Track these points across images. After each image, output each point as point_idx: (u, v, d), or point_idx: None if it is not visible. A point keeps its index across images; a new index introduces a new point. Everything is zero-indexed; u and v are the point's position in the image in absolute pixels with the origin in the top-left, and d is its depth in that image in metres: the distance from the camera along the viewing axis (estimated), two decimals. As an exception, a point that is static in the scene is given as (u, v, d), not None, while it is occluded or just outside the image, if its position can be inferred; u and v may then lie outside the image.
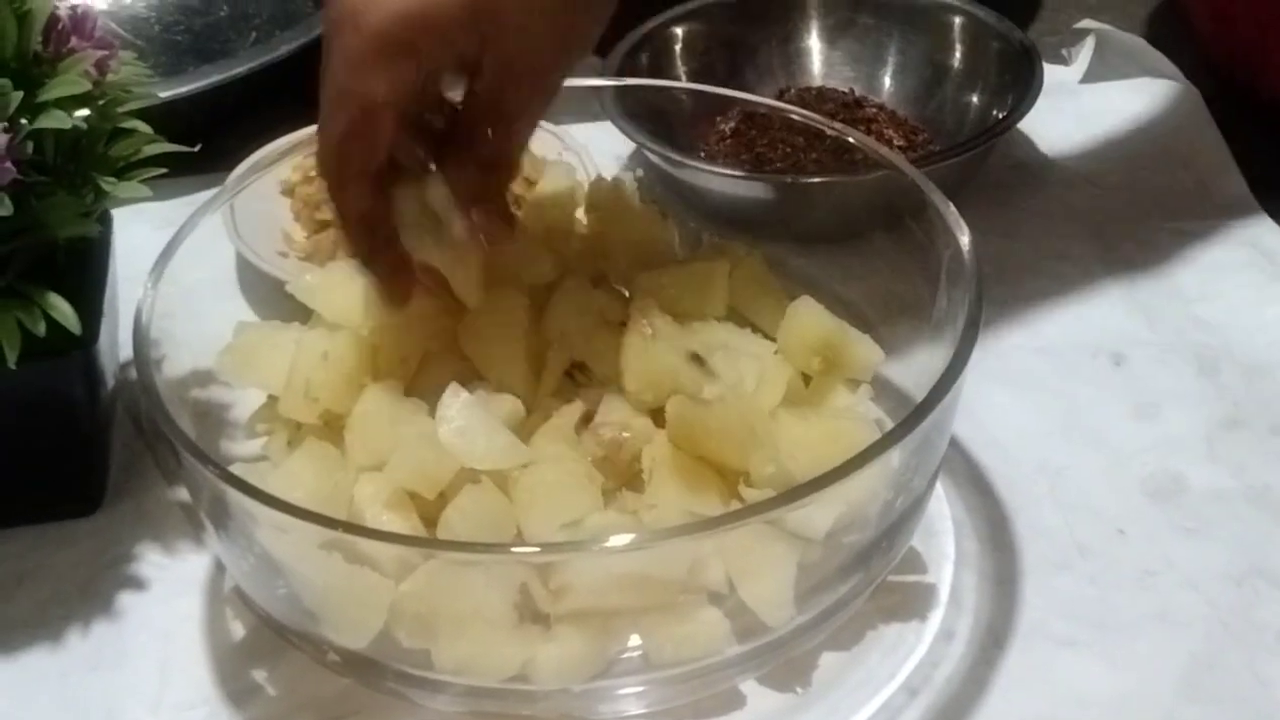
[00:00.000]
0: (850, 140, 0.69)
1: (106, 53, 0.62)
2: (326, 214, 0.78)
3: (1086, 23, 0.92)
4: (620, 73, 0.85)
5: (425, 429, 0.59)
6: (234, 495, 0.54)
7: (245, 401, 0.66)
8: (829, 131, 0.70)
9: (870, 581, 0.59)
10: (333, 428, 0.61)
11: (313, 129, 0.81)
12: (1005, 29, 0.86)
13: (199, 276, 0.66)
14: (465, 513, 0.57)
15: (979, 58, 0.86)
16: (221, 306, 0.74)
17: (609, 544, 0.52)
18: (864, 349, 0.64)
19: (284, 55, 0.90)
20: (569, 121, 0.82)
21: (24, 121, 0.58)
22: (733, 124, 0.84)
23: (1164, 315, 0.75)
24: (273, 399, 0.63)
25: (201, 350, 0.64)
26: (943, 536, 0.65)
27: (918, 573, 0.63)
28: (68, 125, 0.58)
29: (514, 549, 0.55)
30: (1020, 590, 0.62)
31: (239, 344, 0.63)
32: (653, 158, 0.80)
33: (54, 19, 0.61)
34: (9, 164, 0.56)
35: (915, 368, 0.65)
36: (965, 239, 0.61)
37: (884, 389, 0.66)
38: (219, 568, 0.64)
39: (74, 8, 0.62)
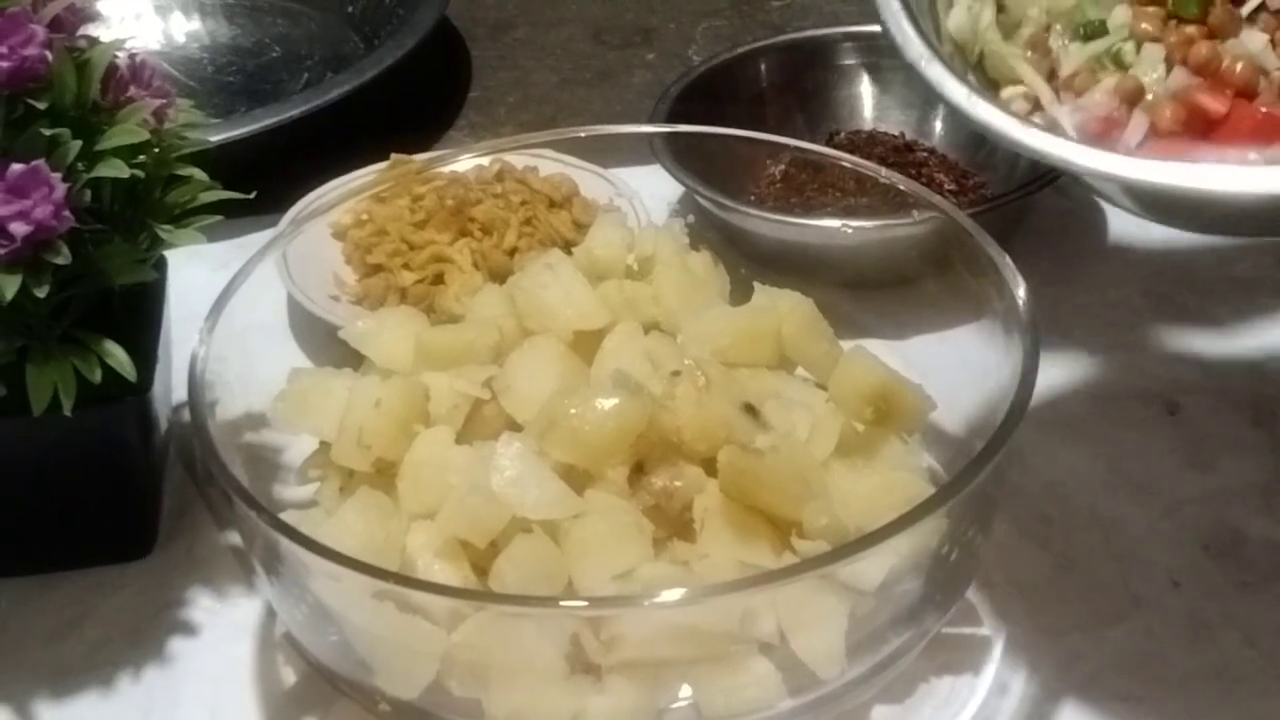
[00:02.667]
0: (901, 187, 0.69)
1: (164, 101, 0.63)
2: (378, 257, 0.78)
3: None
4: (671, 117, 0.85)
5: (478, 478, 0.58)
6: (287, 544, 0.54)
7: (297, 446, 0.66)
8: (880, 178, 0.70)
9: (923, 634, 0.59)
10: (385, 475, 0.61)
11: (363, 172, 0.82)
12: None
13: (252, 320, 0.66)
14: (517, 563, 0.57)
15: (1030, 102, 0.86)
16: (274, 350, 0.74)
17: (660, 598, 0.52)
18: (916, 399, 0.64)
19: (335, 98, 0.90)
20: (620, 165, 0.82)
21: (82, 170, 0.58)
22: (783, 167, 0.84)
23: (1219, 363, 0.75)
24: (325, 445, 0.63)
25: (254, 394, 0.64)
26: (996, 588, 0.64)
27: (971, 625, 0.63)
28: (125, 174, 0.59)
29: (565, 603, 0.54)
30: (1075, 643, 0.62)
31: (292, 390, 0.63)
32: (703, 202, 0.80)
33: (113, 68, 0.61)
34: (67, 212, 0.57)
35: (967, 416, 0.64)
36: (1022, 290, 0.61)
37: (935, 437, 0.66)
38: (270, 613, 0.64)
39: (133, 56, 0.63)
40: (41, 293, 0.57)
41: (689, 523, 0.60)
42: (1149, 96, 0.57)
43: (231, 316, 0.64)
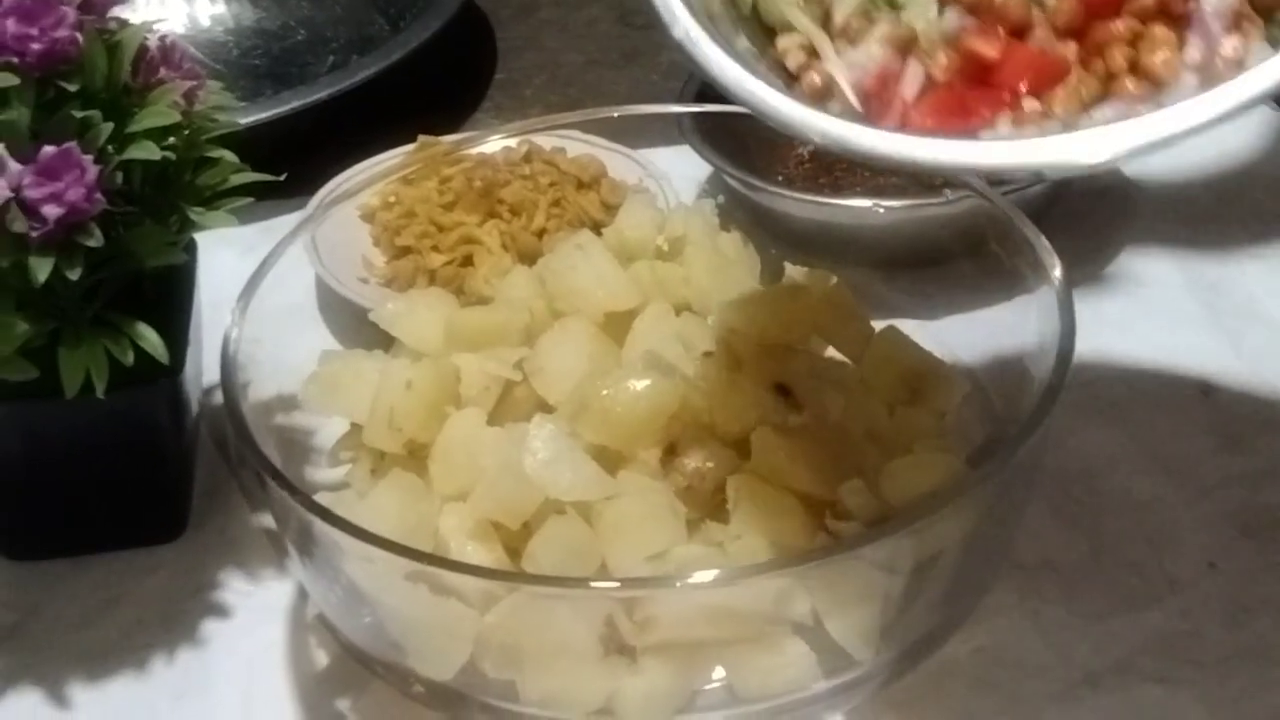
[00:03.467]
0: (934, 166, 0.68)
1: (195, 83, 0.63)
2: (407, 239, 0.78)
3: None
4: (699, 97, 0.84)
5: (510, 460, 0.58)
6: (320, 525, 0.54)
7: (329, 429, 0.66)
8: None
9: (959, 615, 0.58)
10: (417, 457, 0.61)
11: (392, 153, 0.82)
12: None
13: (282, 302, 0.66)
14: (550, 544, 0.56)
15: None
16: (304, 332, 0.74)
17: (694, 579, 0.52)
18: (949, 379, 0.63)
19: (361, 81, 0.90)
20: (648, 146, 0.82)
21: (113, 152, 0.58)
22: (811, 146, 0.83)
23: (1252, 344, 0.74)
24: (357, 427, 0.63)
25: (285, 376, 0.64)
26: (1030, 570, 0.64)
27: (1005, 609, 0.62)
28: (157, 156, 0.59)
29: (598, 584, 0.54)
30: (1111, 626, 0.61)
31: (323, 373, 0.63)
32: (732, 182, 0.80)
33: (143, 49, 0.61)
34: (99, 195, 0.57)
35: (1000, 396, 0.64)
36: (1058, 271, 0.60)
37: (969, 417, 0.65)
38: (302, 595, 0.64)
39: (163, 38, 0.63)
40: (74, 275, 0.57)
41: (722, 504, 0.60)
42: (923, 44, 0.52)
43: (262, 299, 0.64)
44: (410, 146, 0.82)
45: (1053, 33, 0.52)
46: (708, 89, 0.86)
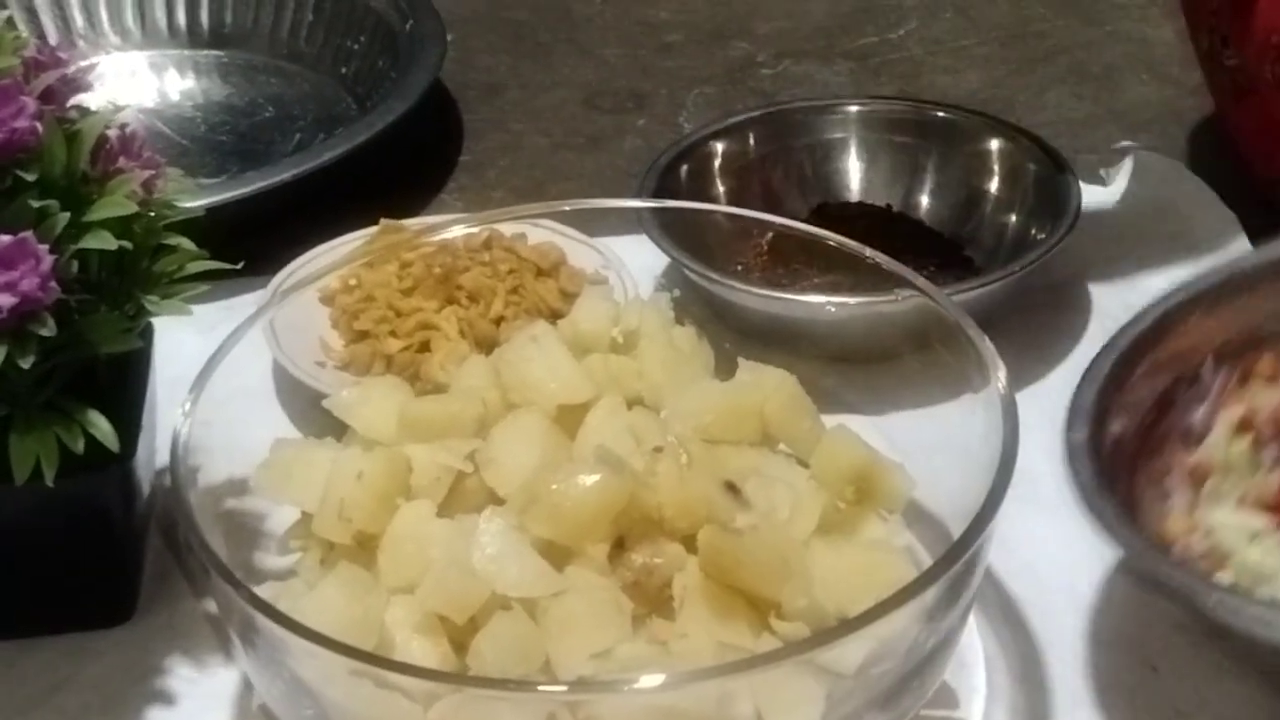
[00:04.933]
0: (883, 265, 0.69)
1: (153, 172, 0.63)
2: (365, 324, 0.78)
3: (1125, 144, 0.92)
4: (660, 188, 0.85)
5: (458, 553, 0.59)
6: (263, 619, 0.54)
7: (280, 514, 0.66)
8: (864, 257, 0.70)
9: (901, 717, 0.59)
10: (366, 548, 0.61)
11: (352, 236, 0.83)
12: (1044, 150, 0.86)
13: (237, 386, 0.67)
14: (495, 641, 0.57)
15: (1017, 178, 0.87)
16: (260, 415, 0.74)
17: (638, 683, 0.52)
18: (897, 478, 0.64)
19: (326, 161, 0.90)
20: (609, 234, 0.83)
21: (69, 241, 0.59)
22: (770, 236, 0.84)
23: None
24: (307, 516, 0.63)
25: (239, 460, 0.65)
26: (973, 669, 0.64)
27: (948, 708, 0.63)
28: (113, 246, 0.59)
29: (541, 688, 0.54)
30: (1052, 727, 0.62)
31: (275, 461, 0.64)
32: (689, 274, 0.80)
33: (103, 139, 0.62)
34: (54, 284, 0.57)
35: (948, 494, 0.64)
36: (1001, 374, 0.61)
37: (917, 515, 0.66)
38: (248, 684, 0.64)
39: (123, 127, 0.63)
40: (26, 364, 0.57)
41: (669, 600, 0.60)
42: None
43: (216, 384, 0.64)
44: (373, 228, 0.83)
45: None
46: (669, 179, 0.87)
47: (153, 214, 0.64)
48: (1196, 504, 0.61)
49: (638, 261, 0.82)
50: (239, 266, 0.66)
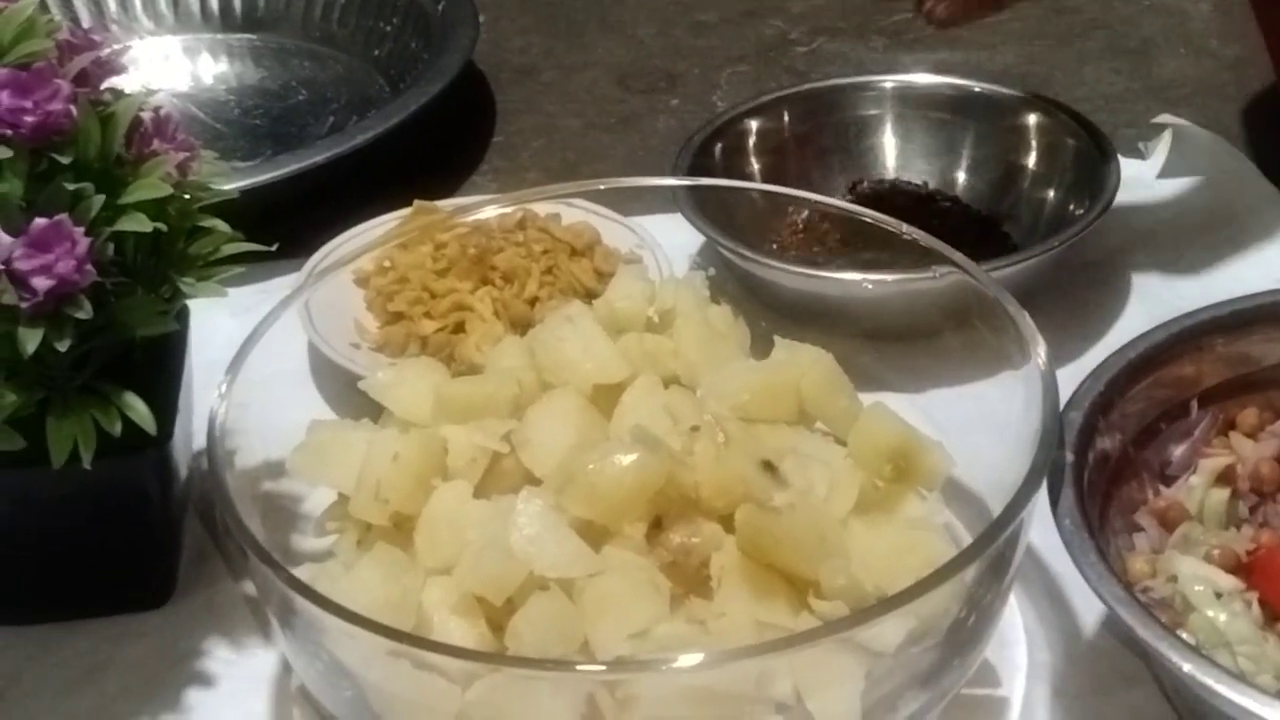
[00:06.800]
0: (920, 242, 0.69)
1: (188, 154, 0.63)
2: (400, 305, 0.78)
3: (1164, 117, 0.92)
4: (694, 166, 0.85)
5: (495, 534, 0.58)
6: (301, 601, 0.54)
7: (317, 496, 0.66)
8: (901, 234, 0.70)
9: (941, 696, 0.58)
10: (403, 529, 0.61)
11: (387, 218, 0.83)
12: (1080, 125, 0.85)
13: (273, 368, 0.67)
14: (533, 621, 0.56)
15: (1055, 154, 0.86)
16: (295, 397, 0.74)
17: (676, 663, 0.52)
18: (936, 457, 0.63)
19: (360, 144, 0.90)
20: (643, 214, 0.82)
21: (104, 224, 0.59)
22: (806, 214, 0.84)
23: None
24: (343, 498, 0.63)
25: (275, 443, 0.64)
26: (1015, 648, 0.64)
27: (989, 686, 0.62)
28: (148, 229, 0.59)
29: (579, 667, 0.54)
30: (1094, 705, 0.61)
31: (311, 443, 0.63)
32: (723, 252, 0.80)
33: (137, 121, 0.62)
34: (89, 267, 0.57)
35: (987, 472, 0.64)
36: (1041, 350, 0.61)
37: (955, 493, 0.66)
38: (286, 666, 0.64)
39: (157, 109, 0.63)
40: (63, 346, 0.57)
41: (706, 580, 0.60)
42: None
43: (253, 366, 0.64)
44: (406, 210, 0.83)
45: None
46: (703, 158, 0.87)
47: (187, 196, 0.64)
48: (1164, 546, 0.61)
49: (672, 240, 0.81)
50: (274, 248, 0.66)
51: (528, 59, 1.08)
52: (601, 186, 0.80)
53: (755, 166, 0.89)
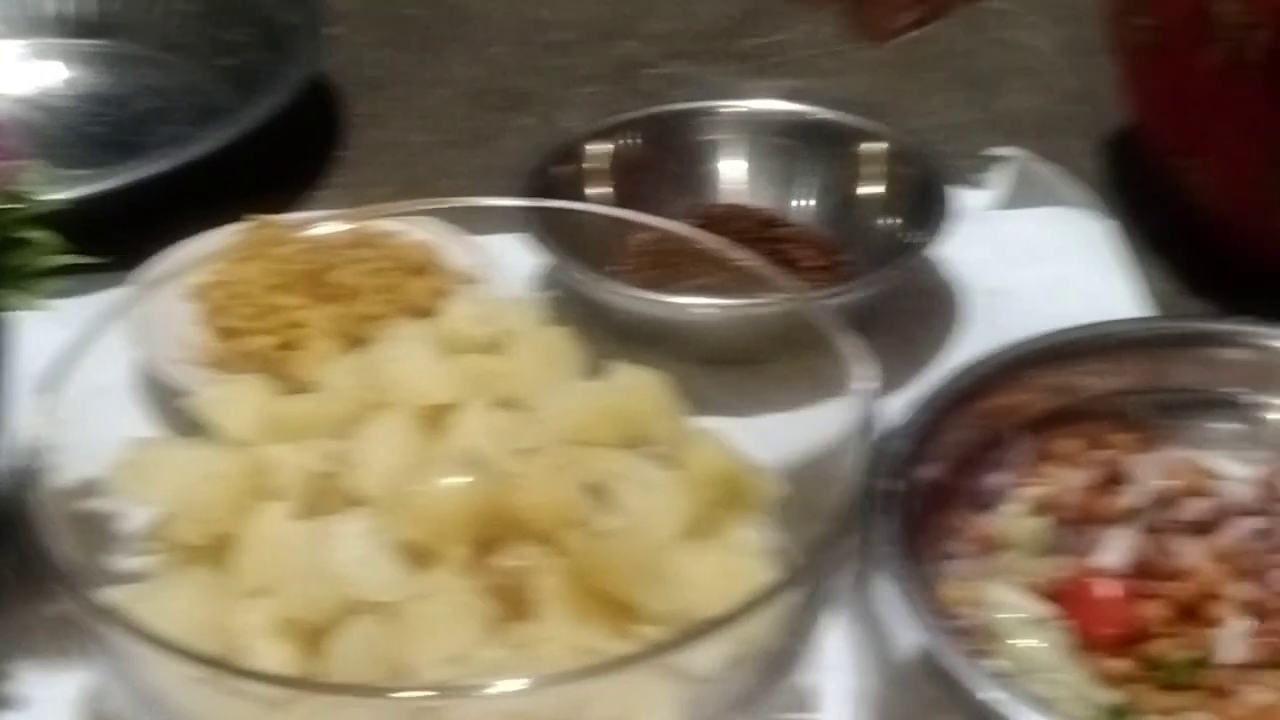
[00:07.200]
0: (753, 267, 0.69)
1: (16, 164, 0.62)
2: (232, 320, 0.77)
3: (1005, 149, 0.93)
4: (542, 186, 0.85)
5: (314, 556, 0.58)
6: (108, 625, 0.53)
7: (138, 515, 0.64)
8: (735, 260, 0.70)
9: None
10: (222, 549, 0.60)
11: (225, 230, 0.81)
12: (920, 154, 0.87)
13: (99, 383, 0.65)
14: (349, 645, 0.56)
15: (894, 182, 0.87)
16: (122, 414, 0.73)
17: (493, 689, 0.52)
18: (763, 482, 0.64)
19: (201, 154, 0.89)
20: (488, 232, 0.82)
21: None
22: (649, 238, 0.84)
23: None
24: (164, 516, 0.62)
25: (97, 460, 0.63)
26: (836, 673, 0.64)
27: (810, 711, 0.63)
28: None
29: (393, 693, 0.54)
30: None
31: (131, 460, 0.62)
32: (566, 275, 0.80)
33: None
34: (-101, 277, 0.55)
35: (815, 496, 0.64)
36: (866, 377, 0.61)
37: (784, 518, 0.66)
38: (100, 689, 0.63)
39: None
40: None
41: (530, 603, 0.60)
42: None
43: (77, 379, 0.63)
44: (245, 224, 0.82)
45: None
46: (551, 178, 0.87)
47: (11, 206, 0.63)
48: (979, 574, 0.62)
49: (517, 261, 0.81)
50: (103, 261, 0.65)
51: (379, 73, 1.07)
52: (445, 205, 0.80)
53: (603, 188, 0.89)
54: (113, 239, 0.67)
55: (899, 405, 0.65)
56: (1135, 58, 0.83)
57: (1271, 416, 0.67)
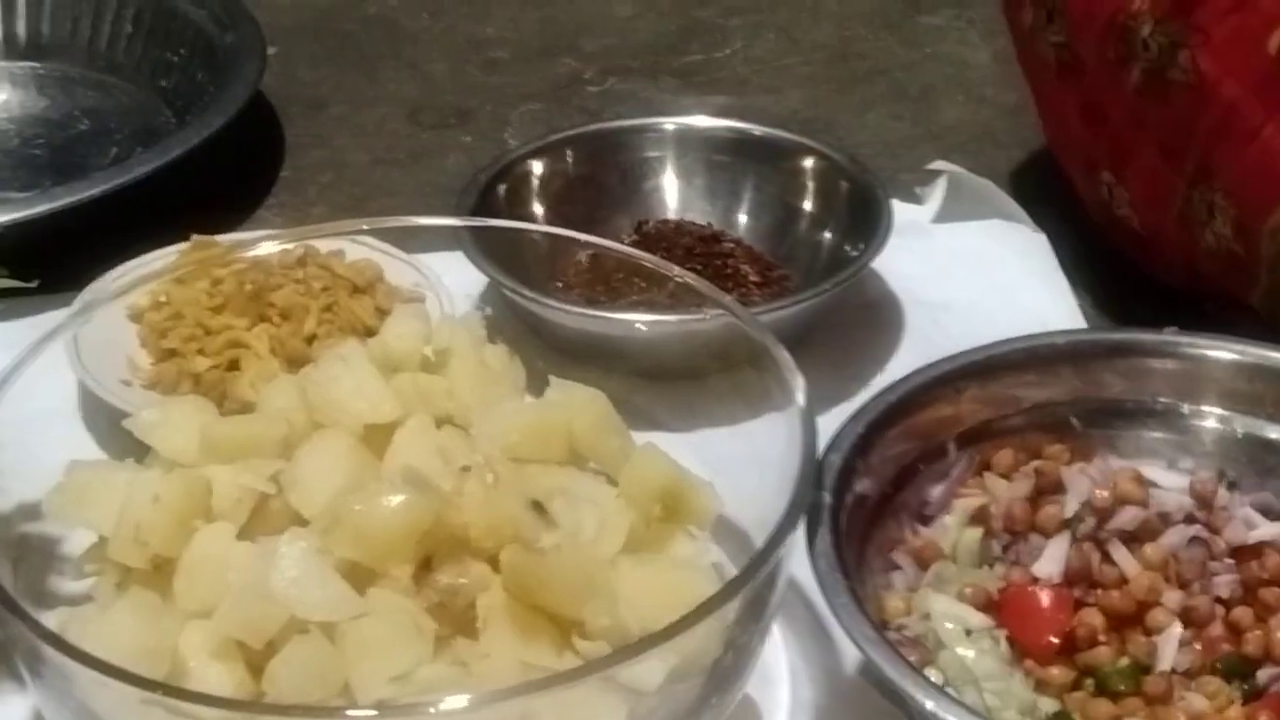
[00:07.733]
0: (691, 283, 0.70)
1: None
2: (173, 341, 0.77)
3: (940, 164, 0.94)
4: (480, 204, 0.85)
5: (256, 577, 0.58)
6: (47, 648, 0.53)
7: (78, 538, 0.64)
8: (673, 276, 0.71)
9: (705, 734, 0.59)
10: (163, 571, 0.60)
11: (164, 252, 0.81)
12: (857, 169, 0.88)
13: (38, 405, 0.65)
14: (291, 665, 0.56)
15: (832, 198, 0.88)
16: (62, 436, 0.73)
17: (436, 707, 0.52)
18: (705, 497, 0.65)
19: (140, 176, 0.89)
20: (428, 251, 0.82)
21: None
22: (589, 255, 0.84)
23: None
24: (104, 539, 0.62)
25: (37, 483, 0.63)
26: (778, 685, 0.65)
27: None
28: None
29: (335, 715, 0.54)
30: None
31: (70, 483, 0.62)
32: (506, 292, 0.80)
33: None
34: None
35: (755, 510, 0.65)
36: (802, 392, 0.62)
37: (725, 532, 0.67)
38: (38, 714, 0.62)
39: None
40: None
41: (473, 621, 0.60)
42: None
43: (16, 402, 0.63)
44: (186, 244, 0.82)
45: None
46: (490, 196, 0.87)
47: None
48: (919, 585, 0.63)
49: (457, 279, 0.81)
50: (34, 285, 0.65)
51: (318, 92, 1.07)
52: (384, 224, 0.80)
53: (542, 206, 0.90)
54: (52, 261, 0.67)
55: (838, 419, 0.66)
56: (1050, 75, 0.84)
57: (1201, 424, 0.68)
